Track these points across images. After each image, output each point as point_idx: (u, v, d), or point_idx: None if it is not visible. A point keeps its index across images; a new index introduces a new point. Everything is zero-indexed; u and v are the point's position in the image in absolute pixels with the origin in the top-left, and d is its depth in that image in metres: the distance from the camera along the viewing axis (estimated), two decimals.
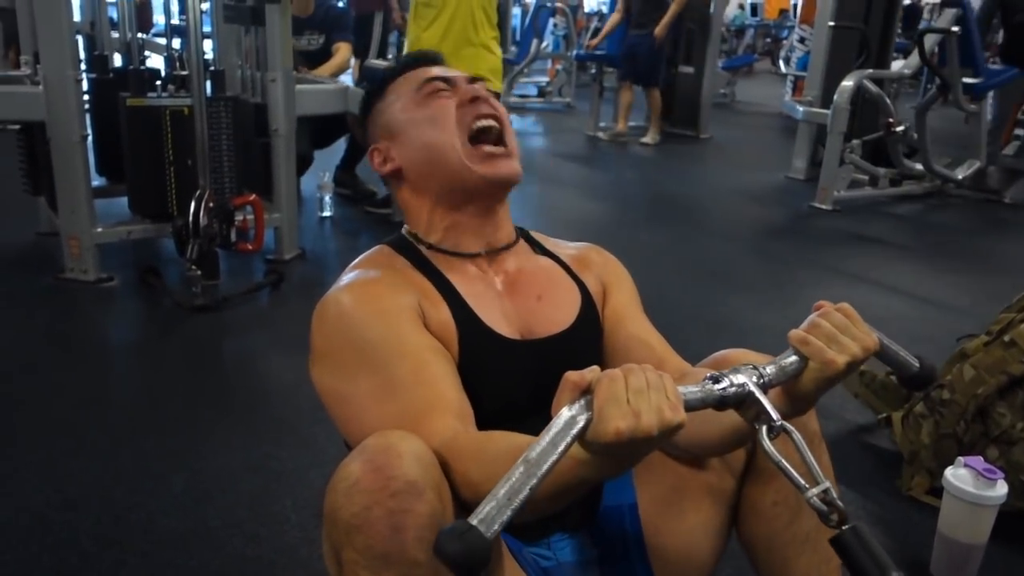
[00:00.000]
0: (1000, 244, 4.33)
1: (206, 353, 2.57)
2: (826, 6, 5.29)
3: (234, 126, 2.99)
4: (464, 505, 0.84)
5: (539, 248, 1.17)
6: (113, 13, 4.22)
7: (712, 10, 6.84)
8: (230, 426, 2.07)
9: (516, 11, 9.85)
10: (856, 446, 2.10)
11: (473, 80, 1.11)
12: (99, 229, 2.97)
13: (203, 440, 1.99)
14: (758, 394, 0.80)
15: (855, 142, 4.69)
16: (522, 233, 1.17)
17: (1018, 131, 6.99)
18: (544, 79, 9.15)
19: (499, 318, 1.04)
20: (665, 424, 0.70)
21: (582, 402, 0.71)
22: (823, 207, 4.62)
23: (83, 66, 3.25)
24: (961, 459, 1.56)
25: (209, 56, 3.32)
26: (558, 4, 8.77)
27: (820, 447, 1.08)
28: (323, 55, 4.26)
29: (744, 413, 0.81)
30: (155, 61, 4.54)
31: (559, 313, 1.09)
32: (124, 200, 3.14)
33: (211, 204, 2.74)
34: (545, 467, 0.68)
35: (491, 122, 1.06)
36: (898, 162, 4.89)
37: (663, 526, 1.08)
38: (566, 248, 1.19)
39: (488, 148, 1.05)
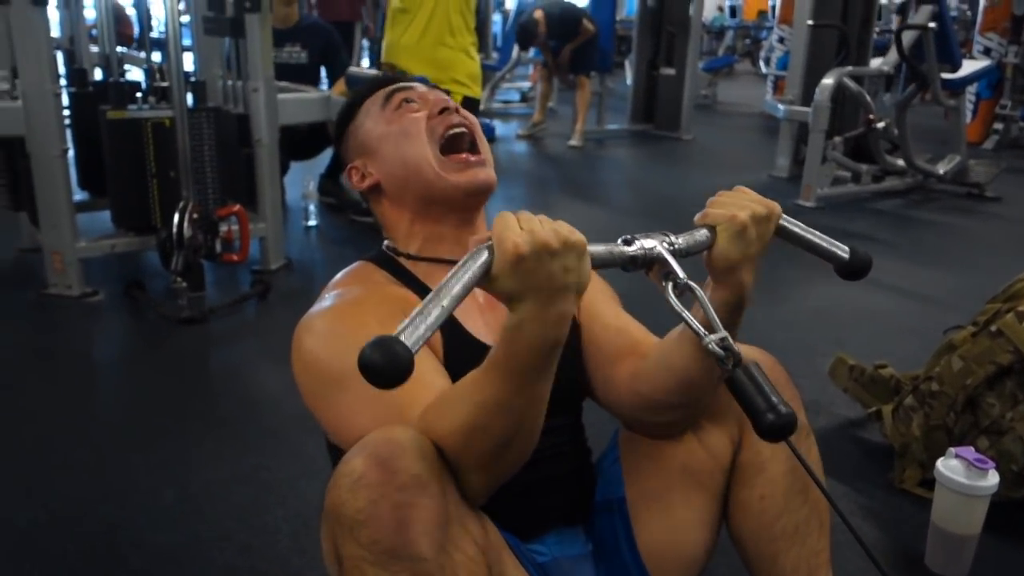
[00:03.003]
0: (983, 237, 4.37)
1: (193, 365, 2.55)
2: (804, 5, 5.33)
3: (217, 137, 2.97)
4: (465, 495, 0.85)
5: None
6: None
7: (691, 12, 6.87)
8: (219, 438, 2.05)
9: (497, 17, 9.86)
10: (846, 440, 2.10)
11: (435, 87, 1.16)
12: (82, 243, 2.94)
13: (192, 453, 1.97)
14: (665, 255, 0.85)
15: (837, 139, 4.72)
16: None
17: (996, 125, 7.09)
18: (526, 84, 9.16)
19: (481, 327, 1.05)
20: (563, 238, 0.75)
21: (483, 245, 0.77)
22: (807, 204, 4.64)
23: (62, 80, 3.22)
24: (952, 450, 1.57)
25: (189, 67, 3.30)
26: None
27: (808, 440, 1.09)
28: (307, 71, 4.20)
29: (653, 274, 0.87)
30: (135, 75, 4.52)
31: None
32: (107, 214, 3.12)
33: (195, 215, 2.73)
34: (456, 288, 0.73)
35: (461, 130, 1.08)
36: (880, 158, 4.93)
37: (652, 521, 1.08)
38: None
39: (462, 156, 1.07)
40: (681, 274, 0.84)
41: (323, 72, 4.40)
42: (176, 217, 2.69)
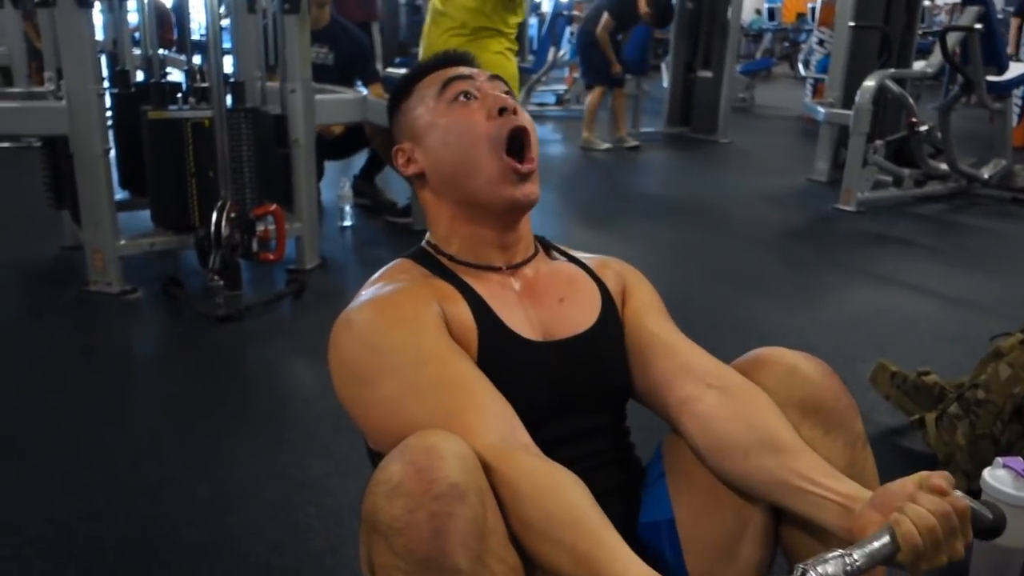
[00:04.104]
0: None
1: (229, 363, 2.57)
2: (846, 6, 5.25)
3: (254, 137, 3.00)
4: (505, 517, 0.82)
5: (558, 253, 1.16)
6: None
7: (729, 14, 6.81)
8: (253, 435, 2.07)
9: (533, 20, 9.86)
10: (889, 449, 2.06)
11: (494, 77, 1.09)
12: (122, 242, 2.99)
13: (226, 449, 1.99)
14: None
15: (878, 143, 4.63)
16: (540, 241, 1.16)
17: None
18: (562, 87, 9.15)
19: (520, 320, 1.03)
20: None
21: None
22: (847, 209, 4.56)
23: (105, 82, 3.28)
24: (999, 460, 1.52)
25: (229, 69, 3.34)
26: (575, 12, 8.77)
27: (865, 451, 1.03)
28: (332, 73, 4.23)
29: None
30: (176, 77, 4.59)
31: (580, 314, 1.07)
32: (147, 214, 3.17)
33: (232, 214, 2.75)
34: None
35: (521, 128, 1.03)
36: (923, 162, 4.83)
37: (703, 538, 1.03)
38: (585, 256, 1.18)
39: (519, 166, 1.01)
40: None
41: (348, 74, 4.41)
42: (214, 216, 2.72)
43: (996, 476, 1.51)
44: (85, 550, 1.59)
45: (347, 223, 4.00)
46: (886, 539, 0.79)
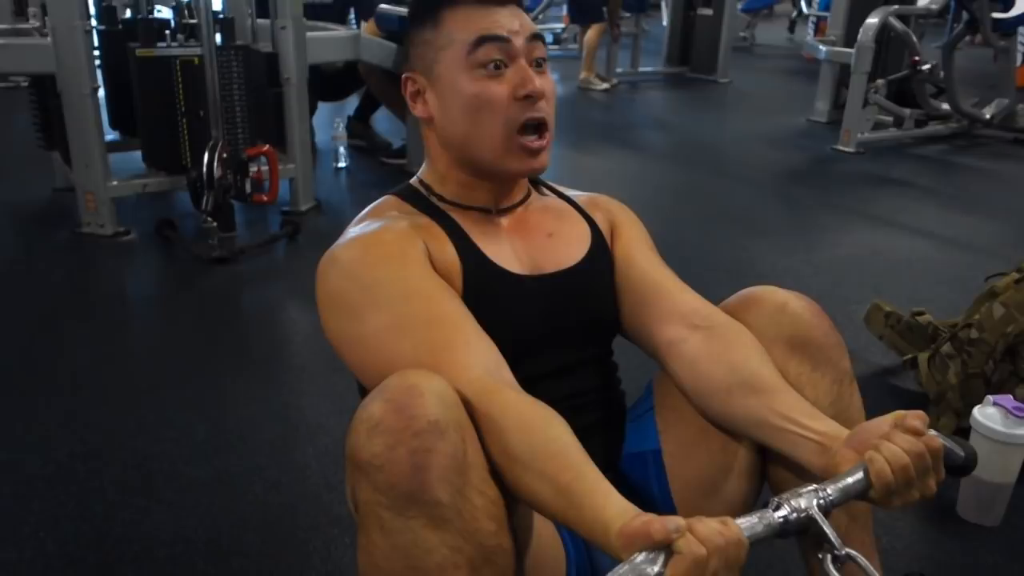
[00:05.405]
0: None
1: (224, 305, 2.57)
2: None
3: (246, 76, 2.94)
4: (488, 450, 0.82)
5: (548, 190, 1.16)
6: None
7: None
8: (250, 376, 2.08)
9: None
10: (881, 389, 2.07)
11: (535, 38, 1.01)
12: (114, 183, 2.96)
13: (224, 390, 2.00)
14: (821, 522, 0.76)
15: (880, 82, 4.57)
16: (531, 179, 1.14)
17: None
18: (559, 26, 8.97)
19: (508, 255, 1.03)
20: None
21: (659, 561, 0.67)
22: (846, 150, 4.52)
23: (93, 20, 3.20)
24: (990, 398, 1.54)
25: (218, 6, 3.26)
26: None
27: (851, 387, 1.04)
28: (332, 11, 4.13)
29: (806, 540, 0.77)
30: (164, 15, 4.48)
31: (569, 249, 1.07)
32: (139, 155, 3.13)
33: (225, 155, 2.72)
34: None
35: (539, 120, 1.02)
36: (924, 102, 4.77)
37: (690, 471, 1.05)
38: (575, 193, 1.18)
39: (530, 143, 1.00)
40: (840, 545, 0.75)
41: (346, 10, 4.33)
42: (206, 156, 2.68)
43: (986, 414, 1.53)
44: (84, 488, 1.60)
45: (342, 164, 3.96)
46: (859, 475, 0.79)
